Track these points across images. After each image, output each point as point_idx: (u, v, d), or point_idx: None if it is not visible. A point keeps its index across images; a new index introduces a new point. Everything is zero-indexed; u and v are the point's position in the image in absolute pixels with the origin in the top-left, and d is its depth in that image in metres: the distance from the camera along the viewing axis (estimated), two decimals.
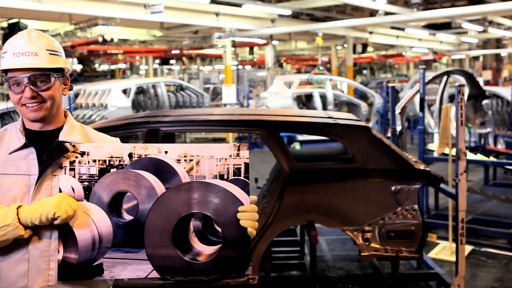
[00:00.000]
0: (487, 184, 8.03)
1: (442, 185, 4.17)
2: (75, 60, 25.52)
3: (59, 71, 1.82)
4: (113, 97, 12.24)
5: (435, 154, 7.30)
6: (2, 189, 1.76)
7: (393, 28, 20.83)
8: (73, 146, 1.79)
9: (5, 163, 1.78)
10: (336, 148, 4.90)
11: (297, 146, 9.06)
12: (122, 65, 25.11)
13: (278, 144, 3.86)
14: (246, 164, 1.85)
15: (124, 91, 12.77)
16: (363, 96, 19.41)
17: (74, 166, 1.78)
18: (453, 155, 5.35)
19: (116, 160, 1.81)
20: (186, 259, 1.80)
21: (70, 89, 1.92)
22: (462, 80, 9.49)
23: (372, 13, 19.24)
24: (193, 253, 1.81)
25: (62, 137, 1.82)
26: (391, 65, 36.38)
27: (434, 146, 7.36)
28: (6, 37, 14.20)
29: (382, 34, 21.03)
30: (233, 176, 1.84)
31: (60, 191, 1.74)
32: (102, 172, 1.79)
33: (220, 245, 1.80)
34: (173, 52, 22.00)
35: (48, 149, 1.78)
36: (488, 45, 29.19)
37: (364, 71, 36.65)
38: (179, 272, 1.81)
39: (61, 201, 1.68)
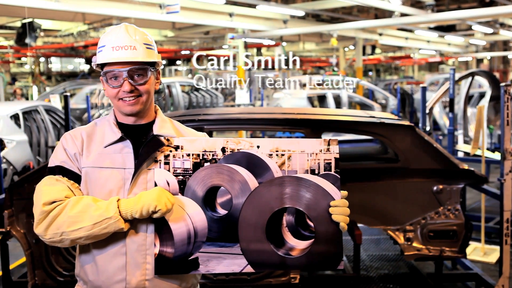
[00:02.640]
0: None
1: (484, 186, 4.16)
2: (82, 60, 25.56)
3: (153, 65, 1.82)
4: None
5: (460, 154, 7.29)
6: (98, 182, 1.76)
7: (401, 29, 20.82)
8: (167, 140, 1.79)
9: (101, 157, 1.77)
10: (373, 148, 4.89)
11: None
12: None
13: None
14: (336, 159, 1.84)
15: None
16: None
17: (169, 160, 1.78)
18: (487, 157, 5.35)
19: (209, 155, 1.81)
20: (280, 254, 1.79)
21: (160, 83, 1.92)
22: (484, 81, 9.49)
23: (377, 14, 19.23)
24: (286, 247, 1.81)
25: (156, 131, 1.82)
26: (397, 67, 36.35)
27: (460, 147, 7.35)
28: (19, 37, 14.20)
29: (391, 36, 21.03)
30: (324, 171, 1.84)
31: (156, 185, 1.74)
32: (196, 166, 1.79)
33: (313, 240, 1.80)
34: (183, 52, 22.01)
35: (144, 143, 1.78)
36: (495, 48, 29.18)
37: (370, 73, 36.62)
38: (273, 267, 1.81)
39: (161, 195, 1.68)
